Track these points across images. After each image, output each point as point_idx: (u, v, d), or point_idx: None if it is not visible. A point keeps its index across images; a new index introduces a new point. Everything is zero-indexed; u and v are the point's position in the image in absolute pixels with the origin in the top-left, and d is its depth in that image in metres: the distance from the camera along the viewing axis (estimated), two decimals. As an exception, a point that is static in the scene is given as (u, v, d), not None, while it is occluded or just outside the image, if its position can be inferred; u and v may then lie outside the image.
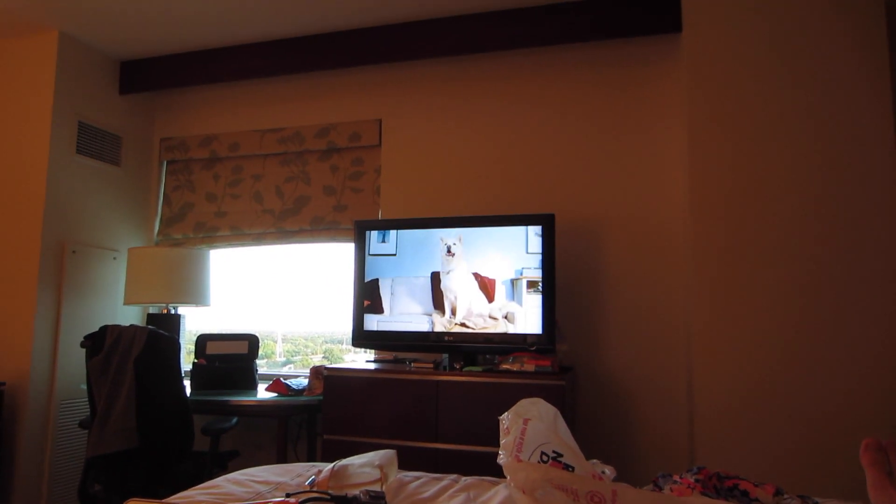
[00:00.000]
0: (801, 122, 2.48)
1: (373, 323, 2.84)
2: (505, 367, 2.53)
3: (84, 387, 2.73)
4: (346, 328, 2.91)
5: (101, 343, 2.60)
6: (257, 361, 3.20)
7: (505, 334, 2.66)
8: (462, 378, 2.52)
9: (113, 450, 2.47)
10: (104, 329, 2.62)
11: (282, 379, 3.01)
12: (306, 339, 3.94)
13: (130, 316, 3.61)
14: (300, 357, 3.88)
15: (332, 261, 3.61)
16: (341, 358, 3.79)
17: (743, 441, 2.40)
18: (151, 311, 3.59)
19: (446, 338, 2.73)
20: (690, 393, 2.61)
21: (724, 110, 2.56)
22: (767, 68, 2.54)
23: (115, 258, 3.52)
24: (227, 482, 1.62)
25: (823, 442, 2.31)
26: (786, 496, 1.46)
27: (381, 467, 1.55)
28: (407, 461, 1.86)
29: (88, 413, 2.67)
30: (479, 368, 2.58)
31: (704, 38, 2.62)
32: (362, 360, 3.23)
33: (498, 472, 1.49)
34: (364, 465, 1.56)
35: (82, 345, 2.61)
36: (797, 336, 2.40)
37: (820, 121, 2.46)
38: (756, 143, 2.52)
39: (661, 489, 1.51)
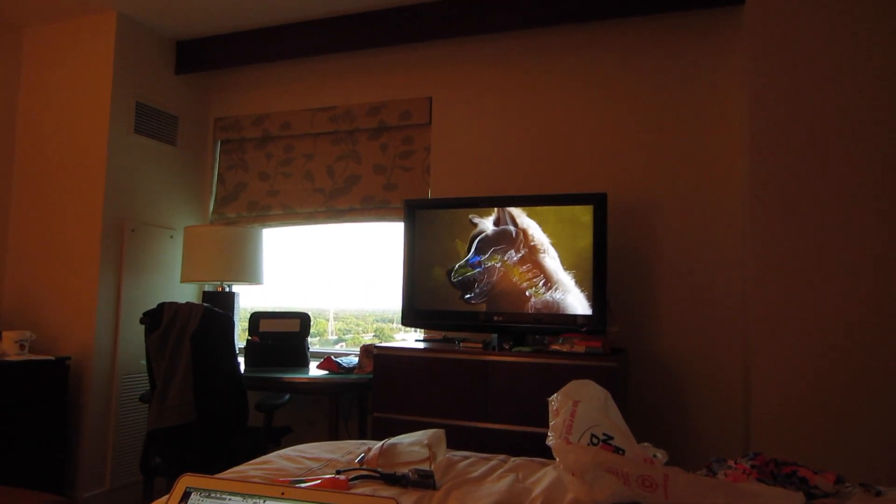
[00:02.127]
0: (873, 105, 2.37)
1: (422, 302, 2.86)
2: (555, 347, 2.52)
3: (144, 362, 2.84)
4: (397, 307, 2.94)
5: (159, 320, 2.69)
6: (309, 339, 3.25)
7: (555, 314, 2.65)
8: (511, 358, 2.53)
9: (171, 424, 2.57)
10: (162, 306, 2.71)
11: (333, 357, 3.06)
12: (357, 318, 3.99)
13: (187, 293, 3.72)
14: (351, 335, 3.93)
15: (383, 239, 3.64)
16: (392, 337, 3.83)
17: (801, 429, 2.34)
18: (207, 288, 3.69)
19: (495, 318, 2.73)
20: (747, 379, 2.56)
21: (788, 88, 2.47)
22: (837, 43, 2.43)
23: (171, 237, 3.63)
24: (279, 458, 1.66)
25: (887, 433, 2.24)
26: (847, 485, 1.43)
27: (429, 446, 1.58)
28: (456, 441, 1.89)
29: (148, 388, 2.78)
30: (528, 349, 2.58)
31: (768, 9, 2.52)
32: (412, 339, 3.26)
33: (547, 453, 1.50)
34: (413, 444, 1.59)
35: (141, 321, 2.71)
36: (860, 324, 2.32)
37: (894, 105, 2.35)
38: (822, 125, 2.42)
39: (714, 474, 1.50)
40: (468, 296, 2.78)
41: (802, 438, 2.34)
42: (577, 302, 2.63)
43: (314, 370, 3.04)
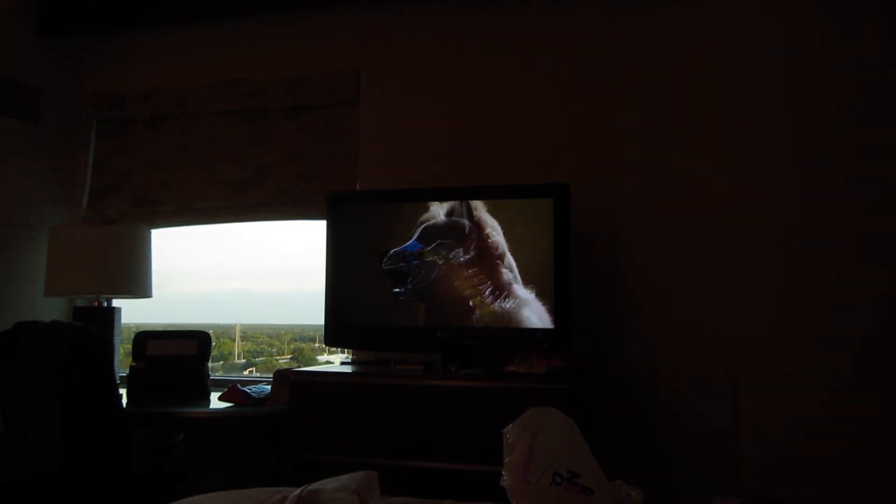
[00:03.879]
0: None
1: (351, 317, 2.85)
2: (510, 368, 2.53)
3: (-4, 396, 2.71)
4: (319, 322, 2.92)
5: (15, 344, 2.58)
6: (210, 364, 3.19)
7: (510, 328, 2.66)
8: (458, 383, 2.53)
9: (29, 474, 2.47)
10: (18, 327, 2.61)
11: (240, 385, 3.01)
12: (270, 337, 3.95)
13: (53, 310, 3.59)
14: (263, 358, 3.90)
15: (302, 241, 3.62)
16: (314, 359, 3.79)
17: (799, 459, 2.40)
18: (79, 303, 3.59)
19: (438, 333, 2.73)
20: (735, 400, 2.62)
21: (778, 67, 2.54)
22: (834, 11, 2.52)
23: (32, 239, 3.51)
24: None
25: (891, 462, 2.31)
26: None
27: (358, 492, 1.56)
28: (392, 484, 1.86)
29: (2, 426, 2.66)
30: (478, 371, 2.59)
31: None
32: (338, 361, 3.23)
33: (501, 495, 1.49)
34: (339, 490, 1.57)
35: (-7, 345, 2.60)
36: (863, 336, 2.40)
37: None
38: (818, 110, 2.49)
39: (699, 516, 1.51)
40: (398, 290, 2.78)
41: (800, 470, 2.39)
42: (535, 313, 2.65)
43: (216, 402, 2.99)
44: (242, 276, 3.76)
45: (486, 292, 2.70)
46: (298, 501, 1.55)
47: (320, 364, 3.56)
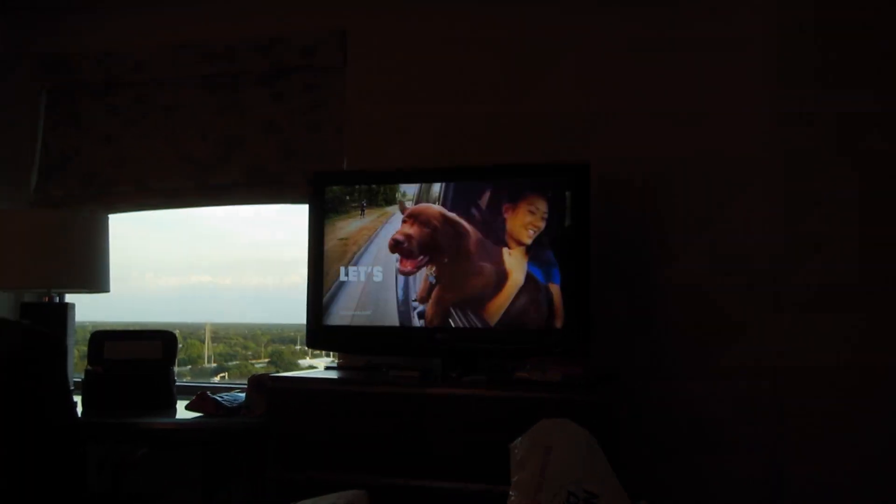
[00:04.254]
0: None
1: (336, 315, 2.85)
2: (520, 375, 2.52)
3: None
4: (301, 321, 2.92)
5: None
6: (176, 369, 3.19)
7: (519, 330, 2.65)
8: (460, 391, 2.52)
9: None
10: (-42, 325, 2.60)
11: (210, 393, 3.00)
12: (245, 338, 3.95)
13: (-3, 306, 3.60)
14: (237, 362, 3.89)
15: (280, 228, 3.61)
16: (294, 363, 3.79)
17: (848, 490, 2.41)
18: (26, 299, 3.57)
19: (438, 335, 2.73)
20: (780, 419, 2.63)
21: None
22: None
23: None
24: None
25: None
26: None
27: (345, 515, 1.55)
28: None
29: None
30: (483, 378, 2.58)
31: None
32: (322, 366, 3.22)
33: (509, 520, 1.49)
34: None
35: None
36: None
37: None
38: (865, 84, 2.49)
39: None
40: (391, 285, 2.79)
41: (848, 500, 2.40)
42: (549, 312, 2.64)
43: (183, 412, 2.99)
44: (212, 269, 3.77)
45: (493, 288, 2.69)
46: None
47: (302, 369, 3.56)
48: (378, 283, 2.82)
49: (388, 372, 2.77)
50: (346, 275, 2.85)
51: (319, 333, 2.87)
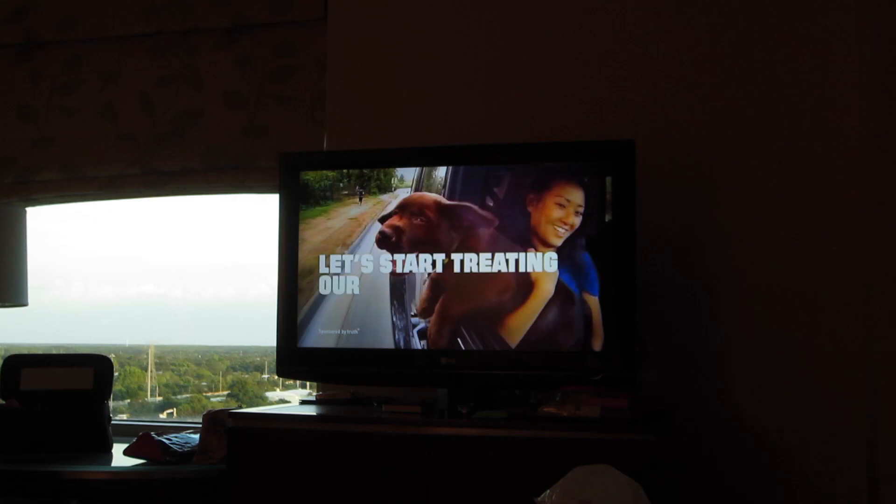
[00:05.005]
0: None
1: (315, 335, 2.83)
2: (547, 410, 2.50)
3: None
4: (270, 344, 2.91)
5: None
6: (111, 403, 3.20)
7: (547, 353, 2.64)
8: (472, 431, 2.51)
9: None
10: None
11: (155, 434, 3.00)
12: (199, 365, 3.94)
13: None
14: (188, 395, 3.89)
15: (243, 225, 3.60)
16: (260, 397, 3.79)
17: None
18: None
19: (443, 360, 2.72)
20: (873, 461, 2.61)
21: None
22: None
23: None
24: None
25: None
26: None
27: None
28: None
29: None
30: (501, 414, 2.57)
31: None
32: (297, 399, 3.21)
33: None
34: None
35: None
36: None
37: None
38: None
39: None
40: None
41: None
42: (584, 330, 2.63)
43: (121, 458, 2.99)
44: (158, 277, 3.76)
45: (513, 299, 2.68)
46: None
47: (271, 403, 3.56)
48: (368, 293, 2.81)
49: (380, 407, 2.76)
50: (328, 285, 2.84)
51: (293, 358, 2.85)
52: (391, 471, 2.53)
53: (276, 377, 3.62)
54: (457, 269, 2.72)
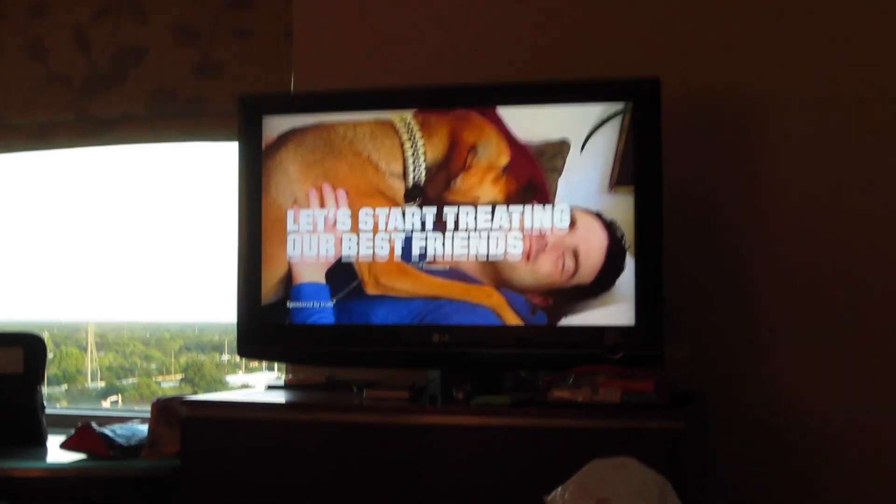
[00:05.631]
0: None
1: (282, 309, 2.85)
2: (559, 394, 2.52)
3: None
4: (229, 320, 2.93)
5: None
6: (45, 389, 3.21)
7: (557, 328, 2.66)
8: (469, 419, 2.54)
9: None
10: None
11: (96, 425, 3.01)
12: (146, 345, 3.92)
13: None
14: (134, 380, 3.87)
15: (196, 179, 3.60)
16: (219, 381, 3.79)
17: None
18: None
19: (435, 336, 2.73)
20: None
21: None
22: None
23: None
24: None
25: None
26: None
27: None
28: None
29: None
30: (504, 399, 2.59)
31: None
32: (262, 384, 3.22)
33: None
34: None
35: None
36: None
37: None
38: None
39: None
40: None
41: None
42: (601, 301, 2.65)
43: (58, 452, 3.00)
44: (98, 242, 3.74)
45: (516, 264, 2.70)
46: None
47: (231, 389, 3.57)
48: (348, 255, 2.82)
49: (360, 392, 2.79)
50: (297, 245, 2.86)
51: (256, 336, 2.88)
52: (375, 467, 2.56)
53: (237, 358, 3.61)
54: (450, 224, 2.75)
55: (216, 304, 3.40)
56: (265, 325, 2.88)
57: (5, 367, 3.16)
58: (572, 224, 2.67)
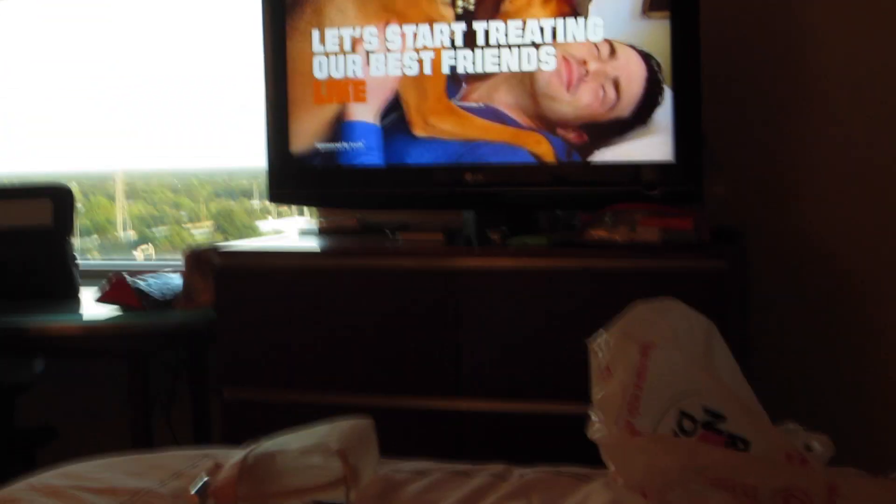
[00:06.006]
0: None
1: (312, 150, 2.83)
2: (596, 234, 2.52)
3: None
4: (257, 165, 2.91)
5: None
6: (74, 240, 3.23)
7: (594, 165, 2.62)
8: (506, 262, 2.54)
9: None
10: None
11: (129, 278, 3.02)
12: (175, 192, 3.91)
13: None
14: (164, 228, 3.87)
15: (222, 16, 3.55)
16: (250, 227, 3.79)
17: None
18: None
19: (468, 176, 2.70)
20: None
21: None
22: None
23: None
24: (32, 492, 1.66)
25: None
26: None
27: (342, 454, 1.57)
28: (397, 438, 1.89)
29: None
30: (541, 240, 2.59)
31: None
32: (294, 228, 3.24)
33: (590, 452, 1.50)
34: (309, 452, 1.60)
35: None
36: None
37: None
38: None
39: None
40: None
41: None
42: (637, 135, 2.61)
43: (92, 306, 3.02)
44: (123, 87, 3.71)
45: (556, 95, 2.64)
46: (241, 471, 1.56)
47: (263, 235, 3.57)
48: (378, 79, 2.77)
49: (394, 235, 2.79)
50: (325, 67, 2.80)
51: (287, 180, 2.86)
52: (410, 310, 2.57)
53: (267, 204, 3.60)
54: (480, 41, 2.69)
55: (245, 148, 3.38)
56: (297, 168, 2.85)
57: (34, 220, 3.16)
58: (612, 53, 2.60)
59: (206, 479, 1.60)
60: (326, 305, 2.63)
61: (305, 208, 3.39)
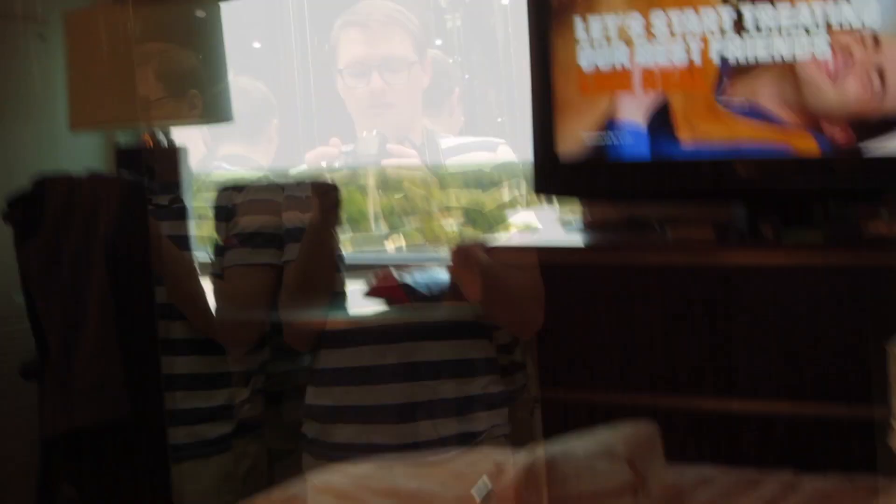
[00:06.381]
0: None
1: (575, 139, 2.80)
2: (876, 228, 2.47)
3: (20, 299, 2.90)
4: (504, 157, 2.93)
5: (38, 211, 2.72)
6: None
7: (866, 159, 2.52)
8: (782, 259, 2.52)
9: (86, 423, 2.64)
10: (41, 184, 2.74)
11: (395, 273, 3.06)
12: (418, 183, 3.89)
13: (86, 152, 3.72)
14: (414, 222, 3.87)
15: None
16: (501, 220, 3.77)
17: None
18: (122, 141, 3.58)
19: (738, 168, 2.64)
20: None
21: None
22: None
23: (41, 36, 3.62)
24: (316, 493, 1.75)
25: None
26: None
27: (630, 461, 1.57)
28: (670, 439, 1.88)
29: (35, 351, 2.83)
30: (816, 235, 2.55)
31: None
32: (549, 223, 3.26)
33: (888, 461, 1.45)
34: (595, 457, 1.59)
35: (4, 216, 2.75)
36: None
37: None
38: None
39: None
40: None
41: None
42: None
43: (359, 302, 3.05)
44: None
45: (820, 85, 2.56)
46: (527, 475, 1.57)
47: (513, 228, 3.55)
48: (644, 69, 2.73)
49: (662, 229, 2.76)
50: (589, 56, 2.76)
51: (554, 171, 2.84)
52: (681, 307, 2.56)
53: (515, 195, 3.59)
54: (749, 26, 2.60)
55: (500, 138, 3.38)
56: (563, 160, 2.83)
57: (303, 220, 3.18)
58: (875, 41, 2.49)
59: (484, 487, 1.61)
60: (599, 302, 2.65)
61: (556, 200, 3.36)
